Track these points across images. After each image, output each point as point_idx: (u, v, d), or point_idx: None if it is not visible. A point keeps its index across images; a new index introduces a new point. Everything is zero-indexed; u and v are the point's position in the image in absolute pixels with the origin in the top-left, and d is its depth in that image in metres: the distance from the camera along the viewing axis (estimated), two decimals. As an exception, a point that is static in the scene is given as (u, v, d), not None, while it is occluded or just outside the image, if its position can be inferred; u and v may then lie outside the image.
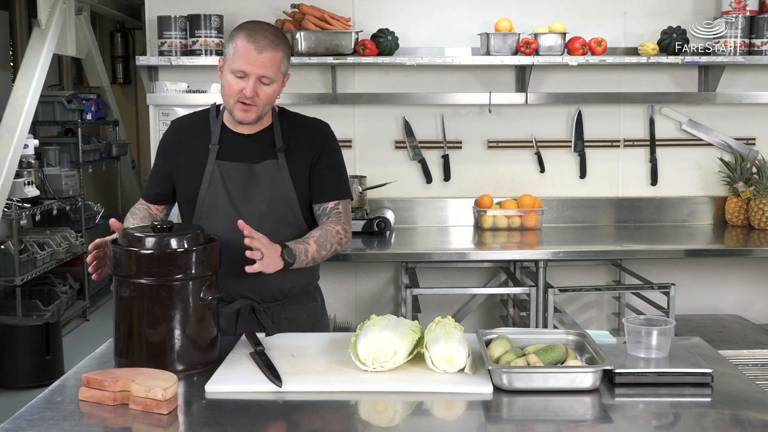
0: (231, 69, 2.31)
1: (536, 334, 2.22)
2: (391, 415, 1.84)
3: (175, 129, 2.53)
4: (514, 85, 4.20)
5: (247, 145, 2.43)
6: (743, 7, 3.98)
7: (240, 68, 2.29)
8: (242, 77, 2.30)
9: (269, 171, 2.41)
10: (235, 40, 2.31)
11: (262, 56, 2.29)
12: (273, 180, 2.40)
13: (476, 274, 4.30)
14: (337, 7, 4.08)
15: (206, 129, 2.46)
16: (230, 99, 2.34)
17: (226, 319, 2.39)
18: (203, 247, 2.01)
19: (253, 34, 2.31)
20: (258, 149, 2.42)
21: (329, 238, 2.39)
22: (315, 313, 2.59)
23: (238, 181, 2.40)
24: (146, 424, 1.71)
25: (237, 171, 2.40)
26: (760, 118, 4.28)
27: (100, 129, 7.83)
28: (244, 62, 2.28)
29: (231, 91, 2.32)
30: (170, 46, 3.99)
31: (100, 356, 2.13)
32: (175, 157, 2.48)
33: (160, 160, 2.54)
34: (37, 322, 4.99)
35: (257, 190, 2.40)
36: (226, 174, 2.40)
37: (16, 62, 6.62)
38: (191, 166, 2.43)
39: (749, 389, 1.91)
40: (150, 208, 2.55)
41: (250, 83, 2.29)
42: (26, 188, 5.47)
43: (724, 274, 4.32)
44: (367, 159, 4.25)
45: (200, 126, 2.47)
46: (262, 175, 2.40)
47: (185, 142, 2.47)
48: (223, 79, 2.34)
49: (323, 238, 2.38)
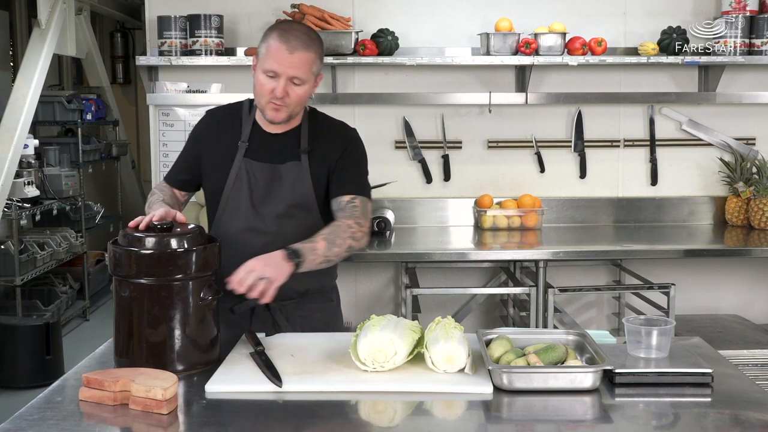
0: (263, 69, 2.30)
1: (536, 334, 2.22)
2: (391, 415, 1.84)
3: (210, 119, 2.53)
4: (514, 85, 4.20)
5: (274, 145, 2.43)
6: (743, 7, 3.98)
7: (271, 68, 2.28)
8: (273, 77, 2.29)
9: (291, 173, 2.41)
10: (268, 39, 2.31)
11: (294, 57, 2.27)
12: (294, 182, 2.41)
13: (476, 274, 4.30)
14: (337, 7, 4.08)
15: (238, 124, 2.46)
16: (262, 98, 2.33)
17: (241, 316, 2.40)
18: (203, 247, 2.01)
19: (285, 34, 2.30)
20: (283, 149, 2.43)
21: (339, 233, 2.30)
22: (330, 312, 2.60)
23: (261, 182, 2.41)
24: (146, 424, 1.71)
25: (261, 171, 2.41)
26: (760, 118, 4.28)
27: (100, 129, 7.82)
28: (276, 62, 2.28)
29: (263, 91, 2.32)
30: (170, 46, 3.99)
31: (100, 356, 2.13)
32: (206, 147, 2.48)
33: (191, 146, 2.52)
34: (37, 322, 4.99)
35: (278, 191, 2.40)
36: (252, 173, 2.41)
37: (16, 62, 6.62)
38: (220, 160, 2.44)
39: (749, 389, 1.91)
40: (174, 191, 2.53)
41: (281, 84, 2.28)
42: (26, 188, 5.47)
43: (723, 274, 4.32)
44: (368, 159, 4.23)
45: (233, 120, 2.48)
46: (285, 177, 2.41)
47: (218, 134, 2.47)
48: (255, 78, 2.34)
49: (333, 234, 2.29)
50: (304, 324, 2.46)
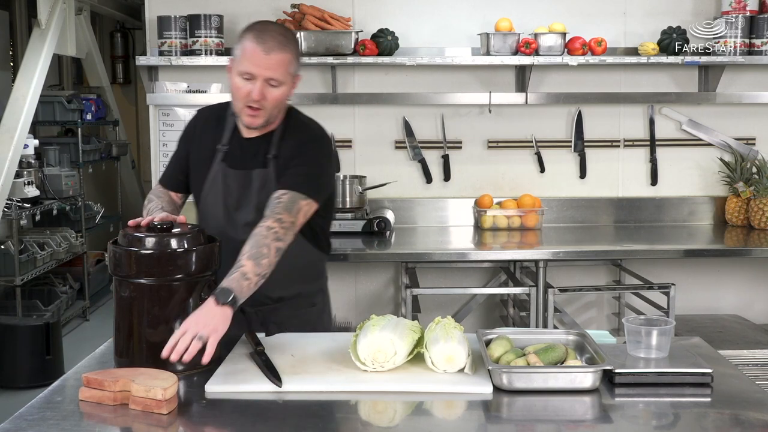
0: (238, 71, 2.26)
1: (536, 334, 2.23)
2: (391, 415, 1.84)
3: (198, 119, 2.51)
4: (514, 85, 4.20)
5: (248, 150, 2.39)
6: (743, 7, 3.98)
7: (247, 70, 2.24)
8: (249, 79, 2.24)
9: (259, 180, 2.36)
10: (243, 41, 2.27)
11: (270, 58, 2.23)
12: (261, 190, 2.35)
13: (476, 274, 4.30)
14: (337, 7, 4.08)
15: (221, 126, 2.43)
16: (238, 102, 2.29)
17: None
18: (203, 247, 2.01)
19: (261, 34, 2.25)
20: (256, 155, 2.38)
21: (261, 243, 2.10)
22: (310, 318, 2.52)
23: (234, 188, 2.37)
24: (146, 424, 1.71)
25: (235, 178, 2.38)
26: (760, 118, 4.28)
27: (100, 129, 7.82)
28: (252, 64, 2.23)
29: (239, 94, 2.27)
30: (170, 46, 3.99)
31: (100, 356, 2.13)
32: (192, 147, 2.47)
33: (182, 145, 2.51)
34: (37, 322, 4.98)
35: (249, 199, 2.37)
36: (225, 179, 2.38)
37: (16, 62, 6.62)
38: (201, 162, 2.42)
39: (749, 389, 1.91)
40: (170, 194, 2.50)
41: (258, 86, 2.24)
42: (26, 188, 5.47)
43: (723, 274, 4.31)
44: (367, 159, 4.25)
45: (218, 121, 2.45)
46: (254, 184, 2.36)
47: (202, 135, 2.46)
48: (231, 81, 2.29)
49: (254, 248, 2.09)
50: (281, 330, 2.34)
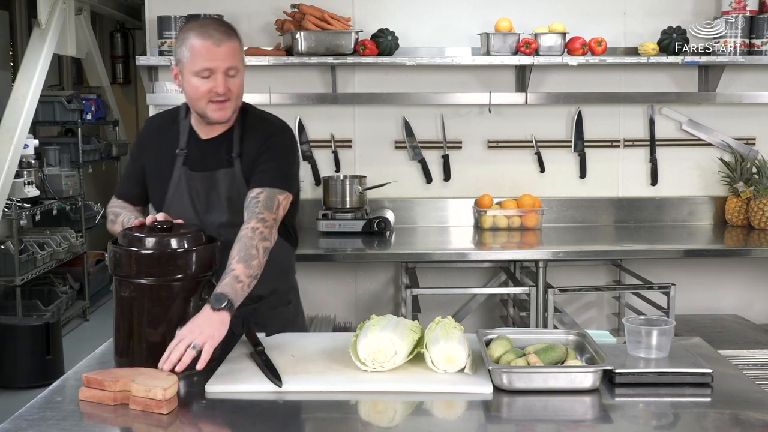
0: (193, 71, 2.22)
1: (536, 334, 2.22)
2: (391, 415, 1.84)
3: (149, 128, 2.48)
4: (514, 85, 4.20)
5: (208, 151, 2.35)
6: (743, 7, 3.98)
7: (204, 67, 2.20)
8: (208, 76, 2.21)
9: (226, 179, 2.33)
10: (187, 41, 2.22)
11: (222, 49, 2.20)
12: (230, 188, 2.33)
13: (476, 274, 4.30)
14: (337, 7, 4.08)
15: (175, 131, 2.39)
16: (200, 102, 2.25)
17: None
18: (203, 247, 2.01)
19: (204, 30, 2.22)
20: (217, 155, 2.35)
21: (249, 245, 2.10)
22: (288, 315, 2.51)
23: (201, 190, 2.34)
24: (146, 424, 1.71)
25: (200, 180, 2.34)
26: (760, 118, 4.28)
27: (100, 129, 7.83)
28: (207, 60, 2.20)
29: (199, 94, 2.23)
30: (170, 46, 3.99)
31: (100, 356, 2.13)
32: (147, 157, 2.43)
33: (136, 156, 2.47)
34: (37, 322, 4.99)
35: (217, 200, 2.34)
36: (191, 182, 2.34)
37: (16, 62, 6.62)
38: (160, 170, 2.37)
39: (749, 389, 1.91)
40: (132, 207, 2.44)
41: (220, 79, 2.21)
42: (26, 188, 5.47)
43: (723, 274, 4.31)
44: (367, 159, 4.25)
45: (171, 127, 2.41)
46: (221, 185, 2.33)
47: (156, 144, 2.41)
48: (186, 84, 2.25)
49: (243, 250, 2.09)
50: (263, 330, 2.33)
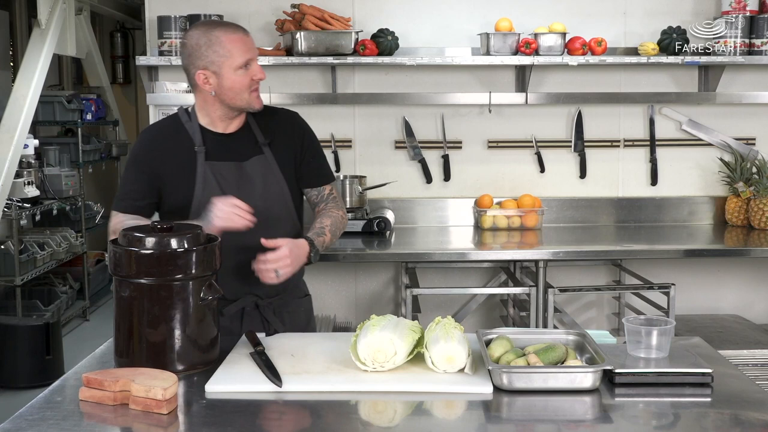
0: (235, 66, 2.30)
1: (536, 334, 2.22)
2: (391, 415, 1.84)
3: (150, 138, 2.46)
4: (514, 85, 4.20)
5: (230, 144, 2.41)
6: (743, 7, 3.98)
7: (246, 58, 2.32)
8: (246, 66, 2.33)
9: (259, 167, 2.40)
10: (219, 41, 2.30)
11: (250, 37, 2.37)
12: (265, 176, 2.40)
13: (476, 274, 4.30)
14: (337, 7, 4.08)
15: (184, 133, 2.41)
16: (243, 94, 2.34)
17: (230, 318, 2.40)
18: (203, 247, 2.01)
19: (226, 27, 2.36)
20: (242, 147, 2.41)
21: (338, 226, 2.48)
22: (309, 306, 2.63)
23: (230, 180, 2.37)
24: (146, 424, 1.71)
25: (228, 170, 2.38)
26: (760, 118, 4.28)
27: (100, 129, 7.83)
28: (245, 51, 2.32)
29: (243, 86, 2.33)
30: (170, 46, 3.99)
31: (100, 356, 2.13)
32: (159, 165, 2.39)
33: (143, 170, 2.40)
34: (37, 322, 4.99)
35: (250, 188, 2.38)
36: (219, 174, 2.37)
37: (16, 62, 6.62)
38: (180, 172, 2.37)
39: (749, 389, 1.91)
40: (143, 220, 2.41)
41: (257, 66, 2.35)
42: (26, 188, 5.47)
43: (723, 274, 4.32)
44: (367, 159, 4.25)
45: (176, 131, 2.42)
46: (253, 172, 2.39)
47: (167, 149, 2.40)
48: (226, 82, 2.31)
49: (335, 226, 2.46)
50: (291, 319, 2.49)
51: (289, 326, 2.46)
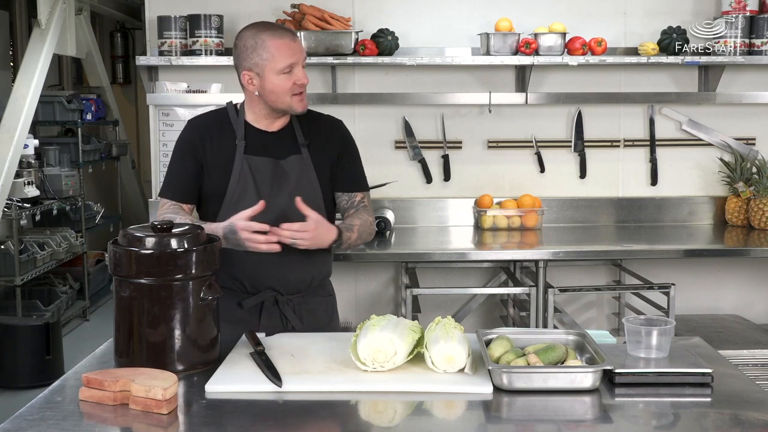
0: (277, 70, 2.36)
1: (536, 334, 2.22)
2: (391, 415, 1.83)
3: (197, 127, 2.53)
4: (514, 85, 4.20)
5: (271, 142, 2.47)
6: (743, 7, 3.98)
7: (288, 63, 2.36)
8: (289, 71, 2.37)
9: (295, 166, 2.46)
10: (265, 44, 2.36)
11: (297, 43, 2.41)
12: (300, 175, 2.45)
13: (476, 274, 4.30)
14: (337, 7, 4.08)
15: (228, 126, 2.49)
16: (285, 97, 2.39)
17: (249, 311, 2.43)
18: (203, 247, 2.01)
19: (275, 30, 2.40)
20: (282, 145, 2.47)
21: (366, 229, 2.51)
22: (331, 306, 2.64)
23: (265, 175, 2.43)
24: (146, 424, 1.71)
25: (264, 165, 2.44)
26: (760, 118, 4.28)
27: (100, 129, 7.82)
28: (290, 56, 2.37)
29: (285, 90, 2.38)
30: (170, 46, 3.99)
31: (100, 356, 2.13)
32: (202, 153, 2.47)
33: (188, 156, 2.48)
34: (37, 322, 4.98)
35: (284, 185, 2.43)
36: (255, 168, 2.44)
37: (16, 62, 6.62)
38: (219, 162, 2.45)
39: (749, 389, 1.91)
40: (183, 208, 2.49)
41: (302, 72, 2.40)
42: (26, 188, 5.47)
43: (723, 274, 4.32)
44: (367, 159, 4.15)
45: (221, 124, 2.50)
46: (289, 170, 2.45)
47: (210, 139, 2.48)
48: (268, 84, 2.38)
49: (362, 228, 2.49)
50: (311, 318, 2.51)
51: (308, 325, 2.48)
